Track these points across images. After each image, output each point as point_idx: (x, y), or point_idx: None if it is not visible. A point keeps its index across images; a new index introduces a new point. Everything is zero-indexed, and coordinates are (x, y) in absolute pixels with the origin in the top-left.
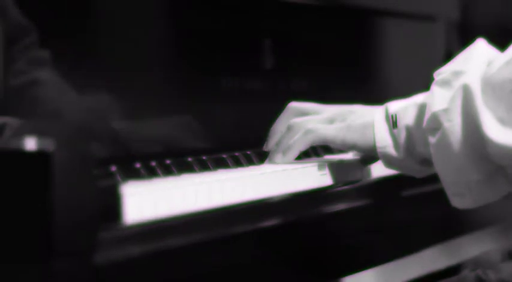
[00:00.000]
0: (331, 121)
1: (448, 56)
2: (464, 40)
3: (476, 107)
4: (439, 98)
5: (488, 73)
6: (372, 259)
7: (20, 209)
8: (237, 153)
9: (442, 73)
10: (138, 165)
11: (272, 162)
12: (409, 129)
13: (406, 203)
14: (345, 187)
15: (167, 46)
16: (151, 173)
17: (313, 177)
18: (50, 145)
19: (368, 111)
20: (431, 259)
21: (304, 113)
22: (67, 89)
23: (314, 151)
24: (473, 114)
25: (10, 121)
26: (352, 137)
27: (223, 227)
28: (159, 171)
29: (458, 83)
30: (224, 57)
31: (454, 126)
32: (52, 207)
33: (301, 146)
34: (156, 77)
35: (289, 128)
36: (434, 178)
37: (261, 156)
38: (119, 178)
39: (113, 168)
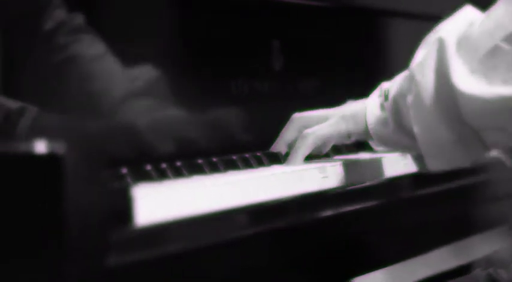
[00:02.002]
0: (326, 118)
1: None
2: None
3: (447, 59)
4: (417, 55)
5: (468, 31)
6: (382, 259)
7: (32, 212)
8: (247, 155)
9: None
10: (148, 167)
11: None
12: (395, 100)
13: (416, 204)
14: (355, 187)
15: (176, 49)
16: (161, 175)
17: (320, 179)
18: (60, 148)
19: (360, 101)
20: (442, 259)
21: (307, 122)
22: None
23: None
24: (444, 66)
25: (30, 107)
26: (346, 125)
27: (234, 229)
28: (169, 173)
29: (434, 37)
30: (233, 59)
31: (426, 79)
32: (63, 210)
33: (304, 151)
34: (165, 79)
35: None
36: (443, 179)
37: (271, 158)
38: (129, 180)
39: (124, 171)
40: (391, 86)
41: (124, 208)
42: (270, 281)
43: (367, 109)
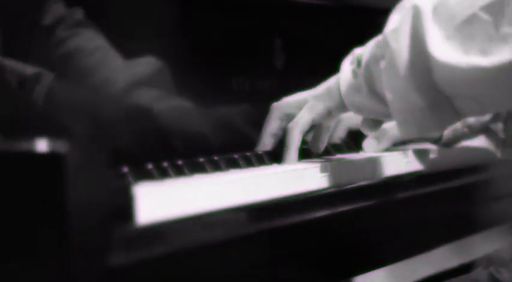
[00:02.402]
0: (305, 103)
1: None
2: None
3: (423, 26)
4: (391, 21)
5: None
6: (383, 258)
7: (33, 210)
8: (248, 153)
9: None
10: (150, 166)
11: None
12: (368, 65)
13: (417, 202)
14: (356, 186)
15: (177, 46)
16: (163, 174)
17: (321, 177)
18: (62, 147)
19: (334, 77)
20: (443, 257)
21: (289, 109)
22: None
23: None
24: (420, 33)
25: (46, 73)
26: (323, 104)
27: (235, 227)
28: (171, 171)
29: (409, 3)
30: (235, 56)
31: (401, 46)
32: (65, 209)
33: (294, 145)
34: (166, 76)
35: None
36: (445, 177)
37: (272, 156)
38: (131, 179)
39: (125, 169)
40: (363, 51)
41: (125, 207)
42: (270, 280)
43: (341, 79)
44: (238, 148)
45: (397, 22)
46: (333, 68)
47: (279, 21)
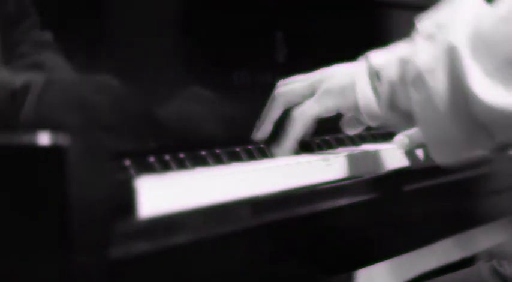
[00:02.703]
0: (312, 93)
1: None
2: None
3: (463, 66)
4: (423, 53)
5: (481, 28)
6: (385, 251)
7: (35, 204)
8: (250, 147)
9: (426, 24)
10: (152, 159)
11: (273, 155)
12: (392, 85)
13: (419, 196)
14: (358, 179)
15: (179, 40)
16: (165, 167)
17: (325, 170)
18: (63, 140)
19: (347, 70)
20: (445, 251)
21: (294, 97)
22: (72, 72)
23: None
24: (459, 73)
25: (34, 82)
26: (334, 101)
27: (237, 221)
28: (173, 164)
29: (443, 38)
30: (236, 50)
31: (440, 87)
32: (66, 202)
33: (295, 135)
34: (167, 70)
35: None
36: (447, 171)
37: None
38: (132, 172)
39: (127, 162)
40: (384, 66)
41: (127, 200)
42: (273, 272)
43: (357, 87)
44: (240, 141)
45: (430, 60)
46: (335, 62)
47: (281, 14)
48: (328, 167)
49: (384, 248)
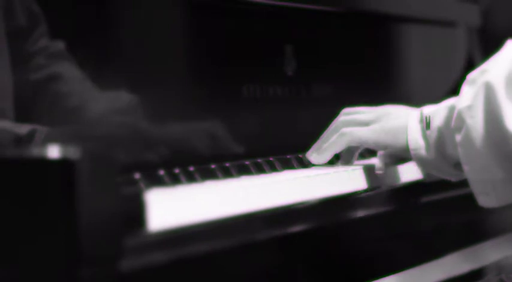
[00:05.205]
0: (367, 123)
1: (469, 62)
2: (485, 46)
3: (498, 103)
4: (465, 95)
5: None
6: (394, 265)
7: (45, 217)
8: (259, 160)
9: (473, 73)
10: (161, 172)
11: (307, 159)
12: (440, 131)
13: (428, 209)
14: (370, 193)
15: (188, 53)
16: (174, 180)
17: (336, 183)
18: (73, 153)
19: (403, 113)
20: (454, 264)
21: (354, 123)
22: (88, 83)
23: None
24: (495, 110)
25: (40, 128)
26: (385, 138)
27: (247, 234)
28: (182, 178)
29: (483, 79)
30: (246, 63)
31: (476, 122)
32: (76, 216)
33: (336, 148)
34: (177, 83)
35: (333, 128)
36: (455, 184)
37: (284, 163)
38: (142, 185)
39: (137, 176)
40: (434, 114)
41: (137, 213)
42: None
43: (409, 132)
44: (249, 155)
45: (470, 98)
46: (344, 74)
47: (290, 27)
48: (341, 181)
49: (393, 261)
